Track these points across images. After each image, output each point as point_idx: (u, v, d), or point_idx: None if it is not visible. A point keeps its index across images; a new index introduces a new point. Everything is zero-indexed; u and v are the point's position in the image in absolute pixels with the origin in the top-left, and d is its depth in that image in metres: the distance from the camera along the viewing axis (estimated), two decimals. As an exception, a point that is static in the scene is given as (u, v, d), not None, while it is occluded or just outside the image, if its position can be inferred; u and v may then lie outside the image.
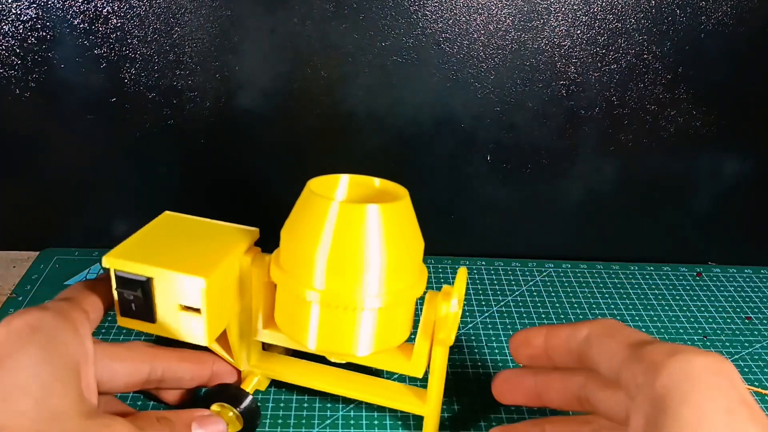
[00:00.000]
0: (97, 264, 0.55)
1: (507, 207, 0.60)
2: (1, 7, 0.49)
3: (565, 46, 0.53)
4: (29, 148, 0.54)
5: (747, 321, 0.54)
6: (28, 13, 0.49)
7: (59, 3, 0.49)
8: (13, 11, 0.49)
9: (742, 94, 0.56)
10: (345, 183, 0.37)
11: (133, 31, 0.50)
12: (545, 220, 0.61)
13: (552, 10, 0.52)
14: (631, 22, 0.52)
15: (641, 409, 0.27)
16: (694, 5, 0.52)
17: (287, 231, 0.35)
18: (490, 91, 0.54)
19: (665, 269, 0.60)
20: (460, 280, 0.36)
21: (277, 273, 0.35)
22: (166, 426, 0.33)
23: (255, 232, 0.38)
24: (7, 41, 0.50)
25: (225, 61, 0.52)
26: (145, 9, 0.50)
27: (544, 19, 0.52)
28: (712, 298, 0.56)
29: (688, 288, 0.58)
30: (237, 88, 0.53)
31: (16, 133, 0.54)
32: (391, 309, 0.34)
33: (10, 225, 0.58)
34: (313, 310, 0.34)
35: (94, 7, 0.49)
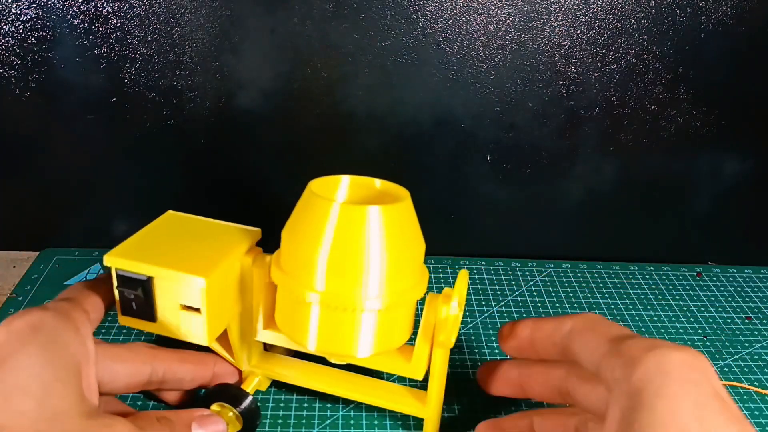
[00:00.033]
0: (97, 264, 0.55)
1: (507, 207, 0.60)
2: (1, 7, 0.49)
3: (565, 46, 0.53)
4: (29, 148, 0.54)
5: (747, 321, 0.54)
6: (28, 13, 0.49)
7: (59, 3, 0.49)
8: (13, 11, 0.49)
9: (742, 94, 0.56)
10: (346, 184, 0.37)
11: (133, 31, 0.50)
12: (545, 220, 0.61)
13: (552, 10, 0.52)
14: (631, 22, 0.52)
15: (618, 402, 0.27)
16: (694, 5, 0.52)
17: (288, 232, 0.35)
18: (490, 91, 0.54)
19: (665, 269, 0.60)
20: (461, 283, 0.36)
21: (278, 274, 0.35)
22: (166, 426, 0.34)
23: (257, 232, 0.38)
24: (7, 41, 0.50)
25: (225, 61, 0.52)
26: (145, 9, 0.50)
27: (544, 19, 0.52)
28: (712, 298, 0.56)
29: (688, 288, 0.58)
30: (237, 88, 0.53)
31: (16, 133, 0.54)
32: (391, 311, 0.34)
33: (10, 225, 0.58)
34: (314, 312, 0.34)
35: (94, 7, 0.49)
